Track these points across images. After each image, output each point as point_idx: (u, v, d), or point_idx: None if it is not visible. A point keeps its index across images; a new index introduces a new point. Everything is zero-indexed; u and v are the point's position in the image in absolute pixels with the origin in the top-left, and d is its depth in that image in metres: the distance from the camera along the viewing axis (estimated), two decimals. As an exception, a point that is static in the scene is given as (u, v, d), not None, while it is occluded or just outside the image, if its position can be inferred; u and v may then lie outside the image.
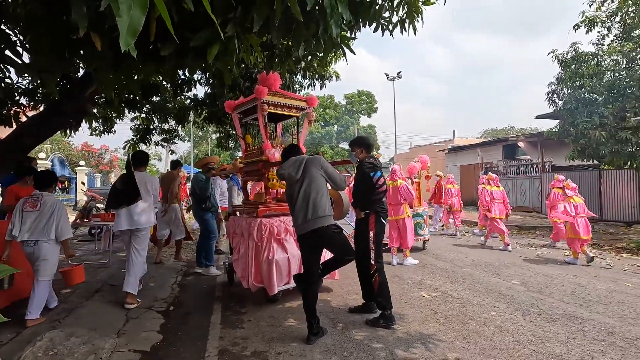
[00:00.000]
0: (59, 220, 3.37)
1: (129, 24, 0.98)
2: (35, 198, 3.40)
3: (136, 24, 0.99)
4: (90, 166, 22.25)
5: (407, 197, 5.81)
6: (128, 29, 0.98)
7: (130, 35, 0.99)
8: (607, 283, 4.69)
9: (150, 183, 4.15)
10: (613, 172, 10.88)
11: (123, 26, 0.97)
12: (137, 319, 3.57)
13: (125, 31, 0.98)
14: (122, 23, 0.97)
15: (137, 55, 3.14)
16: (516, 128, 47.50)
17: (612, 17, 9.90)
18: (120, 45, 1.00)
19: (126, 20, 0.98)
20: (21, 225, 3.28)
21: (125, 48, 0.99)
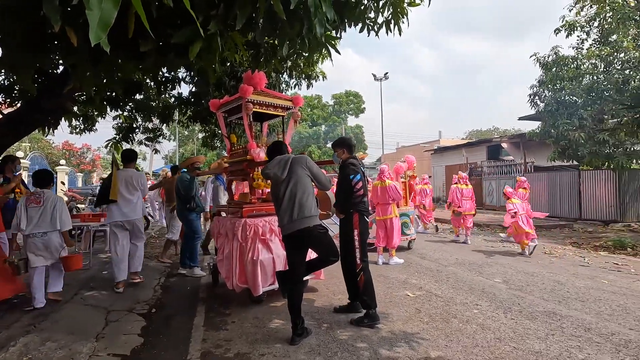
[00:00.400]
0: (61, 213, 3.83)
1: (99, 18, 0.95)
2: (38, 195, 3.84)
3: (107, 18, 0.96)
4: (71, 165, 21.67)
5: (395, 197, 5.85)
6: (99, 22, 0.95)
7: (101, 30, 0.96)
8: (585, 280, 4.82)
9: (137, 179, 4.61)
10: (591, 172, 11.21)
11: (93, 20, 0.94)
12: (117, 322, 3.49)
13: (96, 25, 0.94)
14: (93, 16, 0.94)
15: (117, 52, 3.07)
16: (500, 129, 48.50)
17: (591, 22, 10.20)
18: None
19: (97, 14, 0.94)
20: (27, 220, 3.71)
21: (95, 42, 0.95)
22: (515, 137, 16.42)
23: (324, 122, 40.33)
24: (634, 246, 7.09)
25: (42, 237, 3.71)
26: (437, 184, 20.11)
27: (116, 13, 0.98)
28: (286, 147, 3.43)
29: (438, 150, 21.89)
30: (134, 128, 7.77)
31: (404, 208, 6.92)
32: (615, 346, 2.88)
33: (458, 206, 7.78)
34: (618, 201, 10.64)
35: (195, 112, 7.59)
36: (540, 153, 14.53)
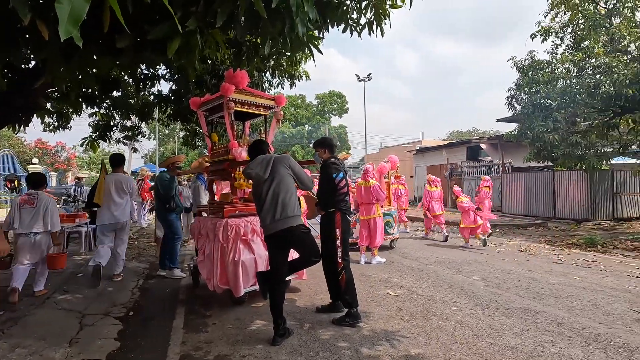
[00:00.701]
0: (52, 215, 4.08)
1: (70, 12, 0.91)
2: (32, 196, 4.06)
3: (78, 12, 0.92)
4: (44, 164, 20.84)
5: (379, 197, 5.92)
6: (69, 17, 0.91)
7: (72, 24, 0.92)
8: (558, 277, 5.00)
9: (125, 182, 4.83)
10: (565, 173, 11.65)
11: (63, 14, 0.90)
12: (92, 326, 3.37)
13: (66, 19, 0.91)
14: (62, 10, 0.90)
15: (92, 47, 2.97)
16: (479, 130, 49.72)
17: (565, 28, 10.55)
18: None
19: (67, 8, 0.91)
20: (20, 219, 3.93)
21: (65, 37, 0.91)
22: (494, 139, 16.86)
23: (307, 122, 40.33)
24: (604, 244, 7.41)
25: (33, 237, 3.98)
26: (419, 183, 20.44)
27: (87, 7, 0.95)
28: (267, 145, 3.40)
29: (420, 150, 22.23)
30: (111, 126, 7.54)
31: (388, 208, 7.01)
32: (586, 340, 3.00)
33: (427, 208, 8.45)
34: (589, 201, 11.10)
35: (176, 111, 7.44)
36: (517, 154, 14.98)
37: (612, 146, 10.28)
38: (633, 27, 9.20)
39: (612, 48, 9.30)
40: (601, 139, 9.83)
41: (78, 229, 6.40)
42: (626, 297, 4.09)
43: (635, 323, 3.35)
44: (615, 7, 9.52)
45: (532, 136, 9.91)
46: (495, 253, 6.79)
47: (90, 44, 2.84)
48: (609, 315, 3.54)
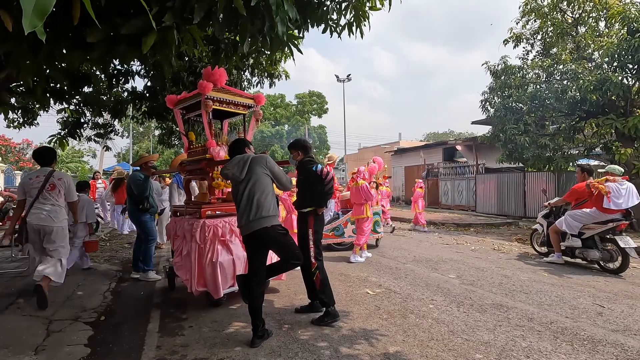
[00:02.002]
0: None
1: (35, 4, 0.86)
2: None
3: (45, 4, 0.87)
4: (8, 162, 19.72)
5: (368, 197, 6.04)
6: (35, 9, 0.86)
7: (37, 17, 0.87)
8: (529, 274, 5.21)
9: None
10: (535, 174, 12.14)
11: (28, 5, 0.85)
12: (60, 332, 3.22)
13: (31, 11, 0.86)
14: (26, 2, 0.85)
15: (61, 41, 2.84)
16: (455, 132, 51.13)
17: (535, 35, 11.03)
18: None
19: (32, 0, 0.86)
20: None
21: (29, 30, 0.86)
22: (469, 140, 17.36)
23: (287, 122, 40.16)
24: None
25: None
26: (396, 184, 20.76)
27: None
28: (247, 145, 3.34)
29: (398, 151, 22.59)
30: (81, 123, 7.23)
31: (375, 207, 7.16)
32: (554, 333, 3.14)
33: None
34: (557, 200, 11.61)
35: (151, 108, 7.23)
36: (490, 155, 15.49)
37: (578, 148, 10.82)
38: (597, 36, 9.72)
39: (578, 55, 9.79)
40: (568, 141, 10.32)
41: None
42: (590, 292, 4.30)
43: (598, 316, 3.54)
44: (581, 16, 10.02)
45: (505, 138, 10.28)
46: (469, 251, 6.99)
47: (60, 37, 2.72)
48: (574, 310, 3.72)
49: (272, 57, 5.91)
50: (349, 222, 6.68)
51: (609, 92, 8.10)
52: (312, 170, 3.49)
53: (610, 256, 5.18)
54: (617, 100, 8.72)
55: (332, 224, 6.78)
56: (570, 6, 10.06)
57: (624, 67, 8.21)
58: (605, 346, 2.89)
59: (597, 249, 5.24)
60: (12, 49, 2.47)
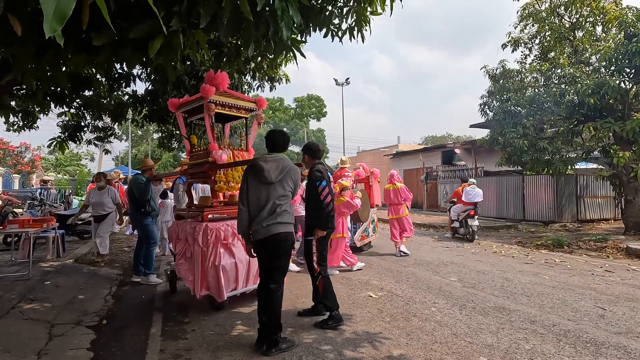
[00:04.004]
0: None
1: (55, 8, 0.87)
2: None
3: (64, 9, 0.89)
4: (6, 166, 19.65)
5: (407, 197, 6.90)
6: (54, 13, 0.87)
7: (57, 21, 0.88)
8: (530, 277, 5.22)
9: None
10: (533, 177, 12.19)
11: (48, 10, 0.86)
12: (63, 336, 3.21)
13: (51, 16, 0.87)
14: (47, 6, 0.86)
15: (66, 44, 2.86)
16: (453, 135, 51.30)
17: (533, 40, 11.12)
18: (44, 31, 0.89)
19: (52, 3, 0.87)
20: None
21: (50, 34, 0.88)
22: (467, 144, 17.43)
23: (286, 125, 40.20)
24: (570, 244, 7.80)
25: None
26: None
27: (74, 4, 0.91)
28: (288, 139, 3.23)
29: (397, 155, 22.65)
30: (82, 126, 7.22)
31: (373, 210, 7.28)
32: (557, 336, 3.14)
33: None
34: (556, 203, 11.67)
35: (152, 111, 7.23)
36: (489, 159, 15.56)
37: (576, 152, 10.87)
38: (594, 41, 9.81)
39: (575, 59, 9.87)
40: (566, 145, 10.37)
41: (45, 234, 6.08)
42: (591, 295, 4.32)
43: (601, 319, 3.55)
44: (578, 21, 10.12)
45: (504, 142, 10.32)
46: (470, 254, 7.00)
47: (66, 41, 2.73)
48: (576, 312, 3.73)
49: (275, 61, 5.93)
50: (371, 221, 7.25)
51: (607, 96, 8.15)
52: (314, 185, 3.44)
53: (468, 232, 8.59)
54: (615, 104, 8.79)
55: (361, 227, 6.95)
56: (568, 11, 10.16)
57: (621, 71, 8.27)
58: (608, 349, 2.90)
59: (464, 227, 8.73)
60: (18, 52, 2.47)
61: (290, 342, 2.94)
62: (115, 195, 6.39)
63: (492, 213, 13.59)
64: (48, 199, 9.05)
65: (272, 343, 2.84)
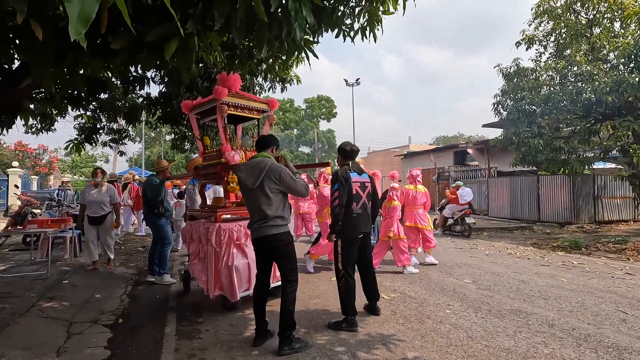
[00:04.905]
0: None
1: (80, 11, 0.89)
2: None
3: (89, 11, 0.90)
4: (25, 167, 20.19)
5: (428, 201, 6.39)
6: (79, 16, 0.89)
7: (82, 24, 0.89)
8: (546, 279, 5.10)
9: None
10: (549, 177, 11.95)
11: (73, 13, 0.88)
12: (81, 334, 3.27)
13: (76, 19, 0.88)
14: (72, 9, 0.88)
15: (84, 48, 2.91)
16: (465, 135, 50.66)
17: (548, 37, 10.90)
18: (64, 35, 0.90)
19: (77, 7, 0.88)
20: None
21: (75, 37, 0.89)
22: (480, 144, 17.20)
23: (296, 126, 40.33)
24: (587, 246, 7.61)
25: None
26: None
27: (97, 7, 0.93)
28: (272, 144, 3.17)
29: (408, 155, 22.49)
30: (97, 129, 7.38)
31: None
32: (576, 340, 3.06)
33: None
34: (572, 204, 11.41)
35: (165, 113, 7.33)
36: (503, 159, 15.32)
37: (594, 151, 10.61)
38: (612, 37, 9.56)
39: (592, 57, 9.63)
40: (583, 144, 10.13)
41: (63, 234, 6.21)
42: (612, 298, 4.20)
43: (622, 323, 3.44)
44: (595, 17, 9.88)
45: (518, 141, 10.13)
46: (484, 256, 6.89)
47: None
48: (597, 316, 3.63)
49: (287, 62, 5.95)
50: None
51: (626, 94, 7.93)
52: (331, 188, 3.50)
53: (464, 228, 9.40)
54: (635, 102, 8.54)
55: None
56: (584, 7, 9.92)
57: (641, 68, 8.04)
58: (631, 354, 2.81)
59: (459, 224, 9.51)
60: (38, 56, 2.53)
61: (303, 343, 2.94)
62: (114, 194, 5.71)
63: (506, 214, 13.37)
64: (65, 199, 9.26)
65: (285, 340, 2.85)
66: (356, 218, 3.46)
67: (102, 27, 1.82)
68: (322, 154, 39.66)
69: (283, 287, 2.96)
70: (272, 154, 3.13)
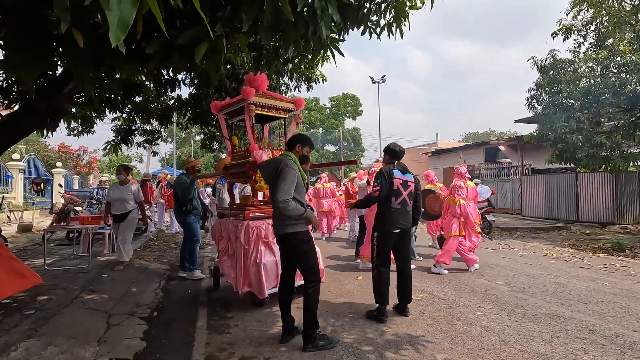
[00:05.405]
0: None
1: (119, 18, 0.94)
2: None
3: (127, 18, 0.95)
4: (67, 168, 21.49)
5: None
6: (119, 23, 0.94)
7: (121, 30, 0.94)
8: (586, 282, 4.83)
9: None
10: (589, 175, 11.29)
11: (113, 20, 0.93)
12: (119, 325, 3.45)
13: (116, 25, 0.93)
14: (112, 17, 0.92)
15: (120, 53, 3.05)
16: (496, 132, 48.85)
17: (587, 26, 10.28)
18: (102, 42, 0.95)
19: (116, 14, 0.93)
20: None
21: (115, 43, 0.94)
22: (513, 140, 16.52)
23: (321, 125, 40.40)
24: (632, 248, 7.13)
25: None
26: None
27: (135, 13, 0.97)
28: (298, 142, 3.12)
29: (436, 152, 21.97)
30: (132, 130, 7.73)
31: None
32: (620, 348, 2.88)
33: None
34: (615, 203, 10.72)
35: (195, 114, 7.56)
36: (537, 155, 14.63)
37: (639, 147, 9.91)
38: (660, 24, 8.88)
39: (638, 46, 8.99)
40: (627, 139, 9.47)
41: (102, 231, 6.56)
42: (660, 304, 3.92)
43: (673, 331, 3.20)
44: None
45: (554, 137, 9.64)
46: (517, 257, 6.62)
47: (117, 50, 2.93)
48: (643, 323, 3.40)
49: (313, 61, 5.98)
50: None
51: (676, 85, 7.36)
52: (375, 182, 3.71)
53: (484, 226, 8.77)
54: (686, 93, 7.90)
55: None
56: (629, -7, 9.29)
57: (694, 57, 7.43)
58: (683, 364, 2.61)
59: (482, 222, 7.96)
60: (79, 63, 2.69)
61: (328, 340, 2.94)
62: (138, 192, 5.60)
63: (541, 213, 12.78)
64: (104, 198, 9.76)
65: (308, 338, 2.89)
66: (394, 212, 3.56)
67: (137, 33, 1.90)
68: (347, 152, 39.53)
69: (304, 287, 2.98)
70: (298, 151, 3.12)
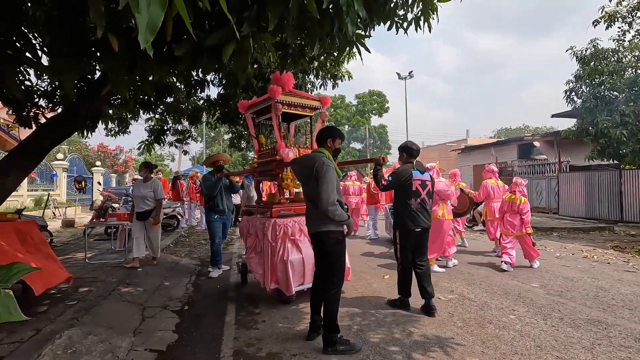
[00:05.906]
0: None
1: (148, 21, 0.96)
2: None
3: (155, 21, 0.97)
4: (105, 166, 22.68)
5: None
6: (147, 25, 0.96)
7: (150, 32, 0.97)
8: (632, 287, 4.52)
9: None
10: (635, 171, 10.54)
11: (142, 23, 0.95)
12: (153, 318, 3.59)
13: (145, 28, 0.96)
14: (141, 19, 0.95)
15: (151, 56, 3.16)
16: (531, 127, 46.61)
17: (634, 12, 9.58)
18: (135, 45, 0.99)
19: (145, 17, 0.96)
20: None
21: (144, 45, 0.97)
22: (549, 136, 15.72)
23: (347, 122, 40.20)
24: (685, 251, 6.59)
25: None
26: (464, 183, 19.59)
27: (163, 16, 0.99)
28: (329, 136, 3.06)
29: (465, 149, 21.29)
30: (164, 130, 8.02)
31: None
32: (671, 359, 2.67)
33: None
34: (665, 202, 9.95)
35: (223, 114, 7.73)
36: (576, 152, 13.84)
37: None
38: None
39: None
40: (679, 133, 8.78)
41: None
42: None
43: None
44: (696, -16, 8.47)
45: (595, 132, 9.10)
46: (554, 258, 6.30)
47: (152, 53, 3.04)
48: (698, 332, 3.13)
49: (339, 58, 5.94)
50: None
51: None
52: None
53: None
54: None
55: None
56: (682, -26, 8.57)
57: None
58: None
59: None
60: (114, 66, 2.81)
61: (350, 346, 2.83)
62: (159, 189, 5.49)
63: (580, 213, 12.07)
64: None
65: (327, 342, 2.83)
66: (414, 212, 3.70)
67: (167, 35, 1.96)
68: (373, 150, 39.12)
69: (327, 288, 2.87)
70: (330, 145, 3.04)
